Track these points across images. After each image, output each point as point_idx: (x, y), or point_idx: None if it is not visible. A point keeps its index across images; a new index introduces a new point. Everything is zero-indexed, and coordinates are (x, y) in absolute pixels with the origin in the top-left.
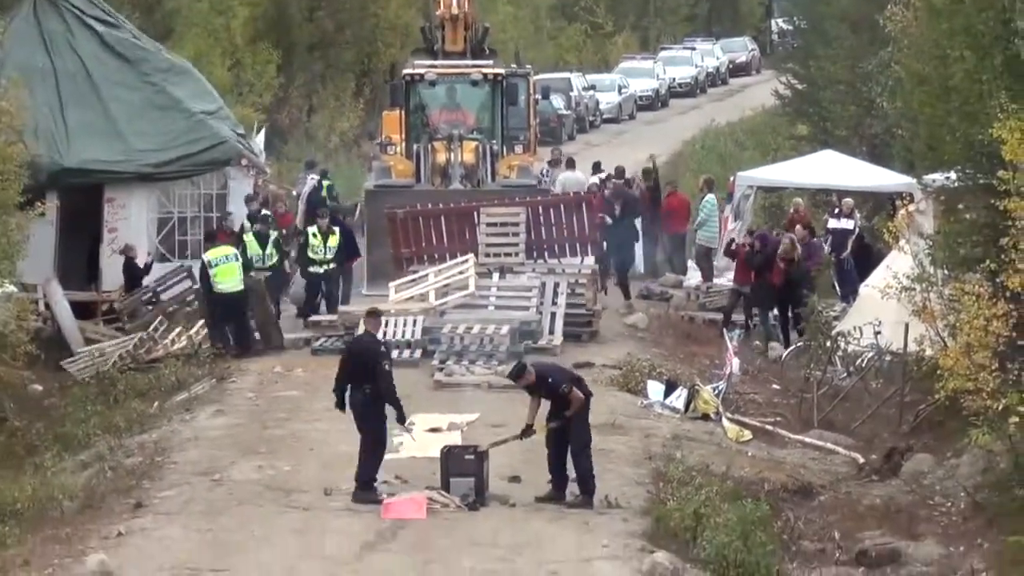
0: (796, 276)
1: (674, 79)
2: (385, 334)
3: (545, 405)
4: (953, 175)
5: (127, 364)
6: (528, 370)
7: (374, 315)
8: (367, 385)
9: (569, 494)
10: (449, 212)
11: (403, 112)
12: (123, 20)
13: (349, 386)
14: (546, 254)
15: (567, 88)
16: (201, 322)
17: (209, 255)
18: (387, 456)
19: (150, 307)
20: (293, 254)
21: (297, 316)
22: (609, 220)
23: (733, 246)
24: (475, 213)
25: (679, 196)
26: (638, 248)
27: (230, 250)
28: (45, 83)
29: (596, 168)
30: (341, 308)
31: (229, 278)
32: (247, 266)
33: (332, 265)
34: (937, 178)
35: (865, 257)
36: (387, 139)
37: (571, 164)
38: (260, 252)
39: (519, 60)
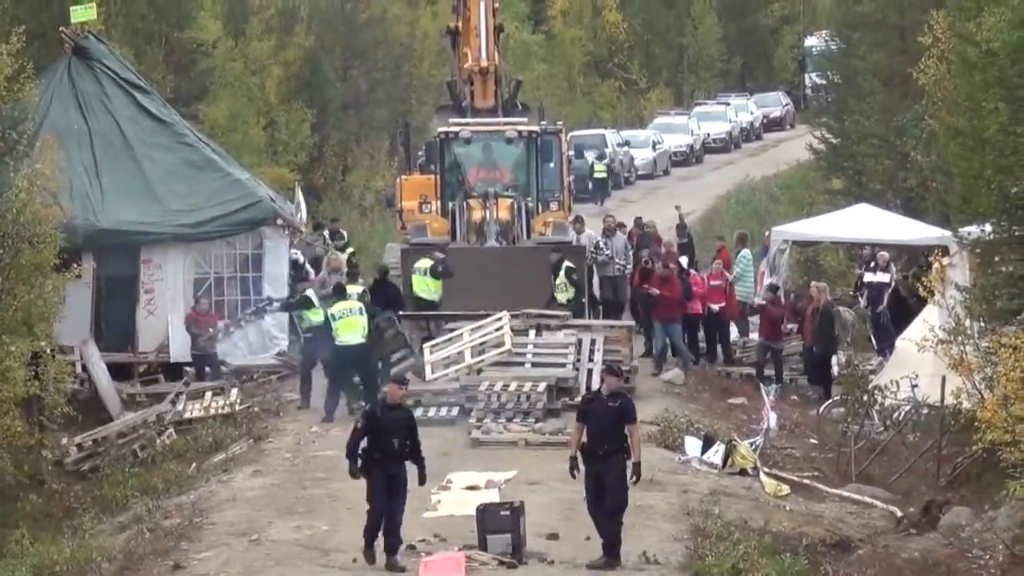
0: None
1: (708, 134)
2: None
3: None
4: (988, 228)
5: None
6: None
7: (400, 382)
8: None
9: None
10: None
11: (438, 170)
12: (152, 88)
13: (378, 454)
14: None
15: (601, 144)
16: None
17: (334, 308)
18: (425, 515)
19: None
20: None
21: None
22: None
23: (756, 304)
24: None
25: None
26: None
27: (355, 304)
28: (80, 144)
29: (637, 223)
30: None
31: (349, 331)
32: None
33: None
34: (972, 231)
35: (901, 310)
36: (423, 197)
37: (580, 221)
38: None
39: (543, 114)
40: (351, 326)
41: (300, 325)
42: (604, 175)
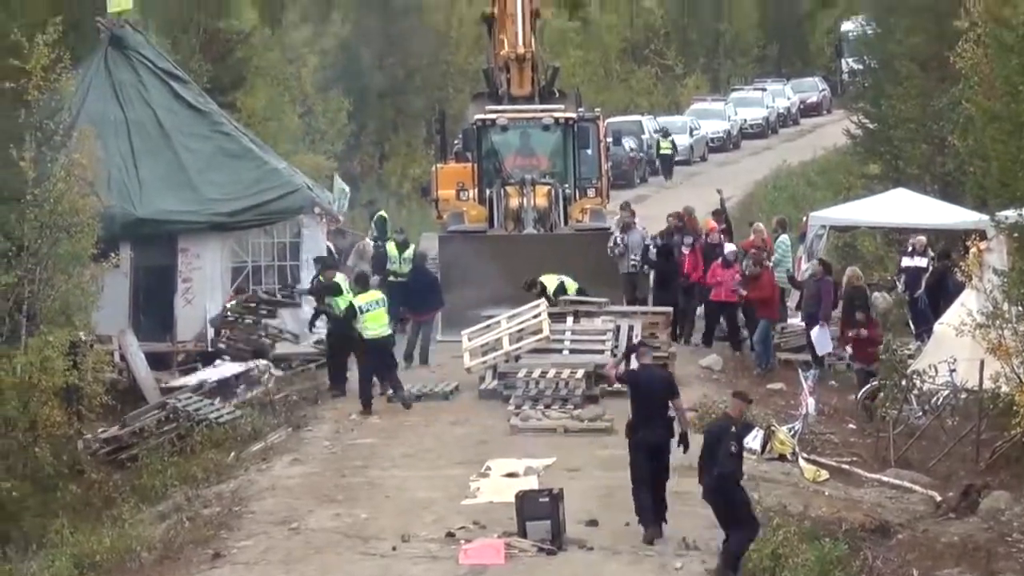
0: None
1: (745, 120)
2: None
3: None
4: None
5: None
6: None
7: (742, 398)
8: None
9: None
10: None
11: (475, 157)
12: (189, 78)
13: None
14: None
15: (638, 131)
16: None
17: (359, 300)
18: (464, 501)
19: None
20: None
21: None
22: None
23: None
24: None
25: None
26: None
27: (378, 295)
28: (117, 134)
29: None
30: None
31: (378, 323)
32: (383, 268)
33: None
34: (1010, 214)
35: (938, 295)
36: (460, 185)
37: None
38: (397, 255)
39: (580, 101)
40: (377, 318)
41: (333, 311)
42: (670, 151)
